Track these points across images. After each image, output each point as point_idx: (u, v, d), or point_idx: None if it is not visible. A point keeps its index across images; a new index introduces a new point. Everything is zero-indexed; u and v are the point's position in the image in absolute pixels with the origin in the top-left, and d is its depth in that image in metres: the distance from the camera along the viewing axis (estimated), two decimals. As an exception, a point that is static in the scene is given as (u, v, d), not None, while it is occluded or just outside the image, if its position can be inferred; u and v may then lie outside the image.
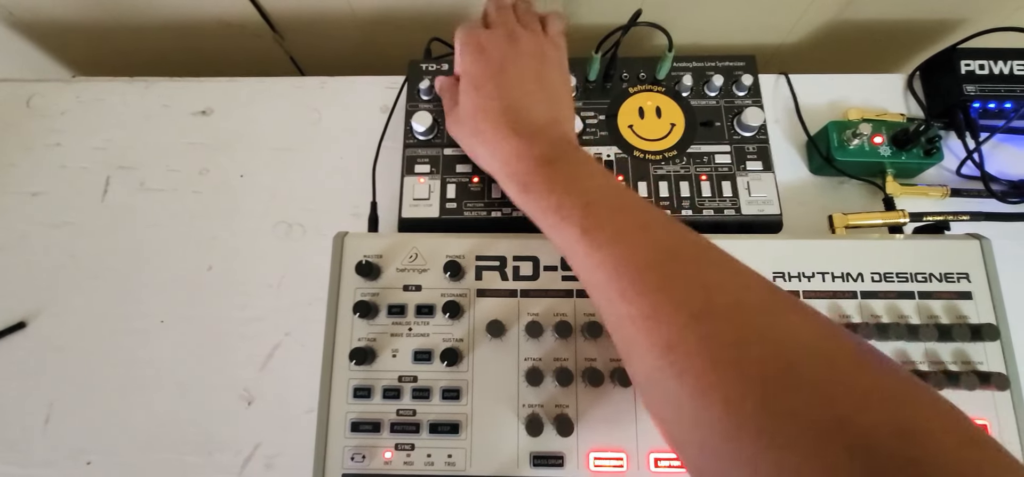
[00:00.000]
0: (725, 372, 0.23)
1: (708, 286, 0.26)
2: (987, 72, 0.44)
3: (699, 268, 0.27)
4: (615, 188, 0.31)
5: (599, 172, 0.32)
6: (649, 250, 0.28)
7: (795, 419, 0.21)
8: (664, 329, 0.25)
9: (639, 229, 0.29)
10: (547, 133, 0.34)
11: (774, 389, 0.22)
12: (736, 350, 0.23)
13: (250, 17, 0.53)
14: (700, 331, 0.24)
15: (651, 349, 0.25)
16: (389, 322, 0.36)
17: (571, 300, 0.36)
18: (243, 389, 0.40)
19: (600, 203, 0.30)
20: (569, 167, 0.32)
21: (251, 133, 0.47)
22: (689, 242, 0.28)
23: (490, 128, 0.35)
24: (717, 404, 0.23)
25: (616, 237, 0.28)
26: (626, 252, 0.28)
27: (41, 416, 0.39)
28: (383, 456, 0.34)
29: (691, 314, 0.25)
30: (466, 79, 0.37)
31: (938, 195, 0.43)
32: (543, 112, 0.35)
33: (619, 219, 0.29)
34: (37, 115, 0.48)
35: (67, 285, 0.42)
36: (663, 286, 0.26)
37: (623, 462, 0.33)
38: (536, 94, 0.36)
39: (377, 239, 0.38)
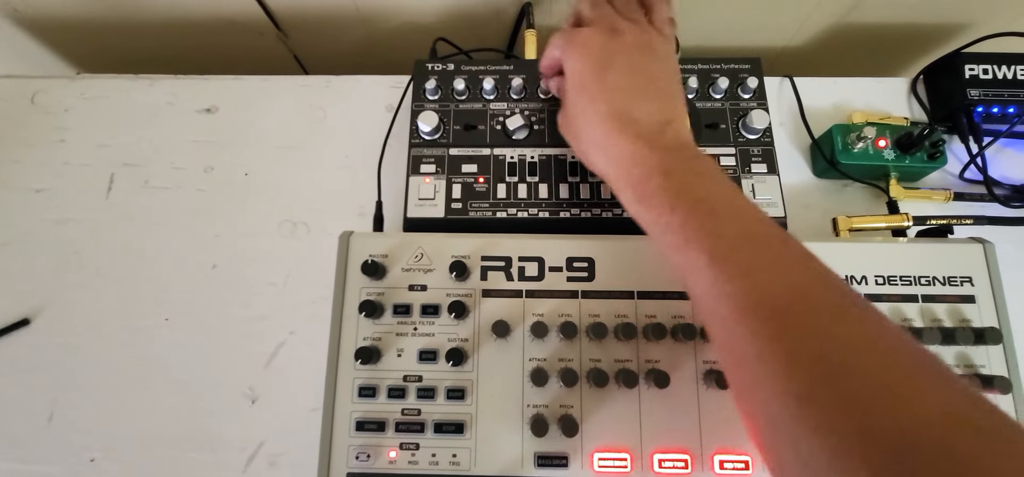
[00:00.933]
0: (869, 435, 0.22)
1: (850, 338, 0.24)
2: (991, 77, 0.44)
3: (840, 317, 0.25)
4: (744, 209, 0.29)
5: (724, 187, 0.30)
6: (785, 290, 0.26)
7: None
8: (799, 379, 0.24)
9: (774, 265, 0.27)
10: (663, 136, 0.32)
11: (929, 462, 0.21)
12: (884, 416, 0.22)
13: (255, 15, 0.53)
14: (842, 388, 0.23)
15: (781, 395, 0.24)
16: (394, 322, 0.36)
17: (576, 301, 0.36)
18: (247, 387, 0.40)
19: (731, 229, 0.28)
20: (692, 180, 0.30)
21: (256, 131, 0.47)
22: (829, 286, 0.26)
23: (599, 132, 0.32)
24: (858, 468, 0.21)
25: (749, 271, 0.26)
26: (759, 290, 0.26)
27: (45, 413, 0.39)
28: (388, 455, 0.34)
29: (831, 368, 0.23)
30: (570, 80, 0.34)
31: (941, 199, 0.43)
32: (654, 111, 0.33)
33: (752, 250, 0.27)
34: (41, 112, 0.48)
35: (71, 282, 0.42)
36: (800, 332, 0.25)
37: (627, 463, 0.33)
38: (645, 91, 0.33)
39: (382, 239, 0.38)
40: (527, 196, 0.41)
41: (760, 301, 0.26)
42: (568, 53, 0.35)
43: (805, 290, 0.26)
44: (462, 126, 0.43)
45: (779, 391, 0.24)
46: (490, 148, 0.42)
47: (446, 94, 0.44)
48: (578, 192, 0.41)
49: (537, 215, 0.40)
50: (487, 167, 0.41)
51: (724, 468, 0.33)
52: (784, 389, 0.24)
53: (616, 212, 0.40)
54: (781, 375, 0.24)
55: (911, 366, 0.24)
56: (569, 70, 0.35)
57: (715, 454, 0.33)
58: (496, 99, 0.44)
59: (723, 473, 0.33)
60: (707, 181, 0.30)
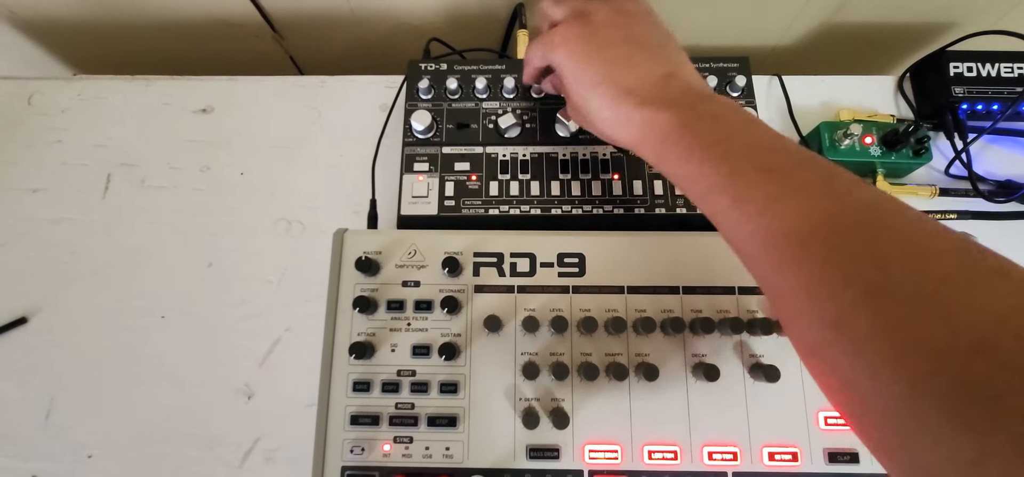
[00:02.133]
0: (906, 349, 0.21)
1: (882, 256, 0.23)
2: (975, 74, 0.45)
3: (871, 235, 0.24)
4: (763, 143, 0.28)
5: (738, 123, 0.29)
6: (808, 217, 0.25)
7: (996, 402, 0.19)
8: (831, 305, 0.23)
9: (796, 193, 0.26)
10: (667, 92, 0.32)
11: (967, 367, 0.20)
12: (919, 326, 0.21)
13: (250, 17, 0.53)
14: (874, 307, 0.22)
15: (815, 324, 0.24)
16: (388, 317, 0.36)
17: (567, 296, 0.37)
18: (243, 384, 0.40)
19: (746, 167, 0.27)
20: (705, 126, 0.29)
21: (251, 131, 0.47)
22: (857, 204, 0.25)
23: (608, 113, 0.33)
24: (899, 382, 0.21)
25: (769, 205, 0.26)
26: (782, 220, 0.25)
27: (42, 411, 0.40)
28: (382, 449, 0.34)
29: (862, 288, 0.22)
30: (566, 78, 0.35)
31: (927, 194, 0.44)
32: (651, 71, 0.33)
33: (771, 183, 0.26)
34: (38, 113, 0.48)
35: (68, 281, 0.43)
36: (827, 257, 0.24)
37: (618, 454, 0.34)
38: (635, 56, 0.33)
39: (376, 236, 0.38)
40: (519, 193, 0.41)
41: (784, 233, 0.25)
42: (552, 54, 0.35)
43: (826, 214, 0.25)
44: (455, 125, 0.43)
45: (813, 320, 0.24)
46: (482, 146, 0.43)
47: (439, 93, 0.44)
48: (569, 189, 0.41)
49: (529, 212, 0.41)
50: (479, 165, 0.42)
51: (713, 459, 0.34)
52: (817, 318, 0.24)
53: (606, 209, 0.41)
54: (812, 304, 0.24)
55: (953, 271, 0.22)
56: (560, 69, 0.35)
57: (704, 446, 0.34)
58: (488, 98, 0.44)
59: (712, 464, 0.34)
60: (721, 123, 0.29)
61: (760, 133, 0.29)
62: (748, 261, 0.28)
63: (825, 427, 0.34)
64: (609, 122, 0.33)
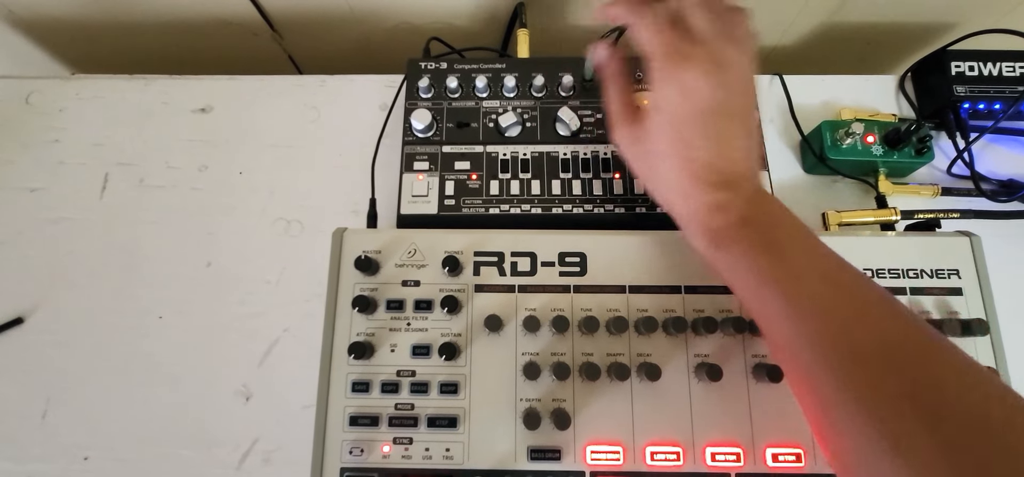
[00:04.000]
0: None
1: (942, 385, 0.24)
2: (977, 73, 0.45)
3: (929, 363, 0.25)
4: (822, 253, 0.29)
5: (802, 232, 0.30)
6: (870, 334, 0.25)
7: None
8: (892, 425, 0.23)
9: (856, 310, 0.26)
10: (745, 186, 0.31)
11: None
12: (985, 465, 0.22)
13: (249, 16, 0.53)
14: (939, 435, 0.23)
15: (870, 439, 0.24)
16: (388, 317, 0.36)
17: (568, 295, 0.36)
18: (242, 385, 0.40)
19: (809, 274, 0.28)
20: (770, 226, 0.30)
21: (250, 130, 0.47)
22: (914, 329, 0.26)
23: (687, 181, 0.31)
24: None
25: (829, 316, 0.26)
26: (841, 334, 0.26)
27: (38, 411, 0.39)
28: (381, 450, 0.34)
29: (925, 415, 0.23)
30: (664, 117, 0.32)
31: (929, 193, 0.44)
32: (741, 160, 0.32)
33: (832, 295, 0.27)
34: (36, 112, 0.48)
35: (65, 281, 0.42)
36: (887, 377, 0.24)
37: (619, 455, 0.34)
38: (740, 140, 0.32)
39: (376, 235, 0.38)
40: (519, 192, 0.41)
41: (843, 345, 0.25)
42: (666, 83, 0.31)
43: (890, 335, 0.26)
44: (455, 124, 0.43)
45: (867, 436, 0.24)
46: (483, 145, 0.42)
47: (439, 92, 0.44)
48: (570, 188, 0.41)
49: (529, 211, 0.40)
50: (480, 164, 0.42)
51: (716, 460, 0.34)
52: (875, 433, 0.24)
53: (608, 208, 0.41)
54: (869, 419, 0.24)
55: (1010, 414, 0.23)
56: (664, 103, 0.32)
57: (707, 446, 0.34)
58: (489, 97, 0.44)
59: (715, 465, 0.33)
60: (785, 228, 0.30)
61: (823, 247, 0.29)
62: (794, 365, 0.27)
63: (828, 427, 0.34)
64: (679, 190, 0.32)
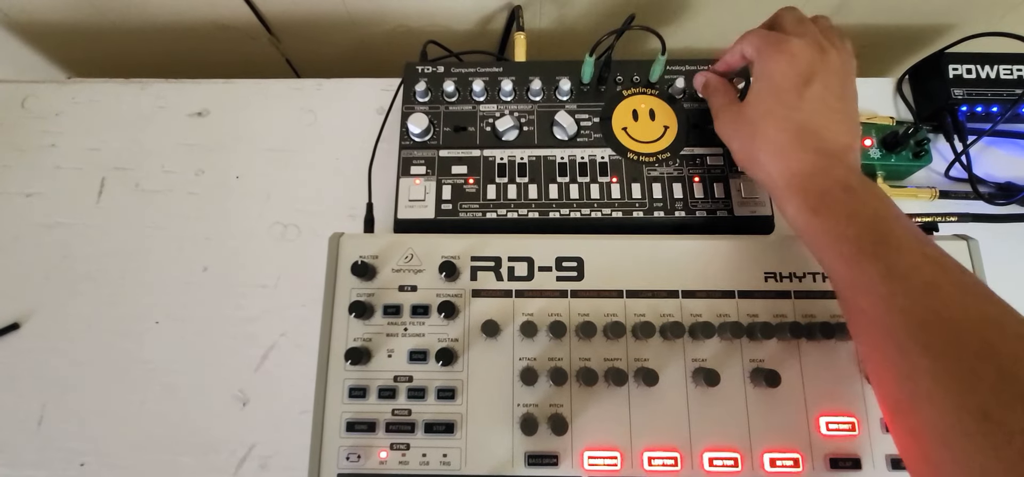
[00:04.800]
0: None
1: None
2: (975, 76, 0.45)
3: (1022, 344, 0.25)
4: (922, 235, 0.30)
5: (899, 212, 0.31)
6: (969, 312, 0.26)
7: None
8: (983, 397, 0.24)
9: (958, 288, 0.27)
10: (846, 158, 0.33)
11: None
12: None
13: (246, 19, 0.53)
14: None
15: (957, 411, 0.24)
16: (384, 322, 0.36)
17: (565, 300, 0.36)
18: (238, 390, 0.40)
19: (911, 247, 0.28)
20: (870, 198, 0.30)
21: (247, 134, 0.47)
22: (1013, 316, 0.26)
23: (787, 139, 0.33)
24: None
25: (930, 289, 0.27)
26: (942, 308, 0.26)
27: (34, 417, 0.39)
28: (378, 456, 0.34)
29: (1017, 388, 0.23)
30: (766, 81, 0.35)
31: (927, 197, 0.44)
32: (841, 134, 0.34)
33: (933, 270, 0.27)
34: (32, 116, 0.48)
35: (61, 286, 0.42)
36: (985, 354, 0.24)
37: (617, 461, 0.33)
38: (839, 113, 0.34)
39: (373, 240, 0.38)
40: (516, 197, 0.41)
41: (940, 319, 0.26)
42: (771, 54, 0.35)
43: (992, 317, 0.26)
44: (452, 128, 0.43)
45: (955, 406, 0.24)
46: (480, 149, 0.42)
47: (436, 96, 0.44)
48: (567, 192, 0.41)
49: (527, 215, 0.40)
50: (477, 168, 0.42)
51: (714, 465, 0.33)
52: (961, 404, 0.24)
53: (605, 212, 0.40)
54: (959, 391, 0.24)
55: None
56: (768, 71, 0.35)
57: (705, 451, 0.34)
58: (486, 101, 0.44)
59: (713, 470, 0.33)
60: (886, 204, 0.31)
61: (923, 233, 0.30)
62: (882, 335, 0.28)
63: (826, 433, 0.34)
64: (778, 149, 0.34)
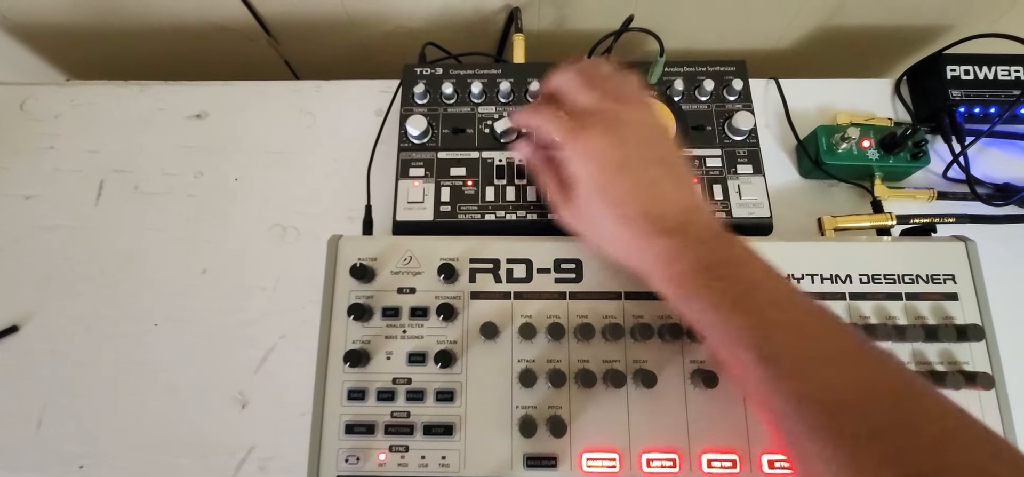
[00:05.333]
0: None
1: (928, 440, 0.23)
2: (972, 77, 0.45)
3: (906, 409, 0.24)
4: (792, 299, 0.29)
5: (764, 273, 0.29)
6: (844, 385, 0.25)
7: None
8: (867, 472, 0.23)
9: (830, 359, 0.26)
10: (693, 226, 0.31)
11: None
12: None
13: (245, 21, 0.53)
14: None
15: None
16: (383, 324, 0.36)
17: (564, 302, 0.36)
18: (237, 392, 0.40)
19: (781, 323, 0.27)
20: (733, 271, 0.29)
21: (246, 136, 0.47)
22: (889, 374, 0.26)
23: (632, 234, 0.31)
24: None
25: (803, 367, 0.26)
26: (817, 387, 0.25)
27: (33, 420, 0.39)
28: (377, 458, 0.34)
29: (900, 461, 0.23)
30: (587, 185, 0.32)
31: (925, 198, 0.44)
32: (678, 200, 0.32)
33: (805, 346, 0.27)
34: (31, 119, 0.48)
35: (60, 288, 0.42)
36: (865, 432, 0.24)
37: (616, 463, 0.33)
38: (664, 181, 0.32)
39: (371, 242, 0.38)
40: (515, 199, 0.41)
41: (819, 398, 0.25)
42: (575, 156, 0.33)
43: (864, 383, 0.25)
44: (451, 130, 0.43)
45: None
46: (478, 151, 0.42)
47: (435, 98, 0.44)
48: (566, 194, 0.41)
49: (525, 218, 0.40)
50: (475, 170, 0.42)
51: (712, 467, 0.33)
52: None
53: (604, 214, 0.40)
54: (847, 471, 0.24)
55: (983, 452, 0.23)
56: (578, 174, 0.33)
57: (703, 453, 0.34)
58: (484, 102, 0.44)
59: (711, 472, 0.33)
60: (749, 271, 0.29)
61: (790, 289, 0.29)
62: (771, 417, 0.27)
63: (824, 434, 0.34)
64: (626, 245, 0.32)
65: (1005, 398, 0.34)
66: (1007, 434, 0.34)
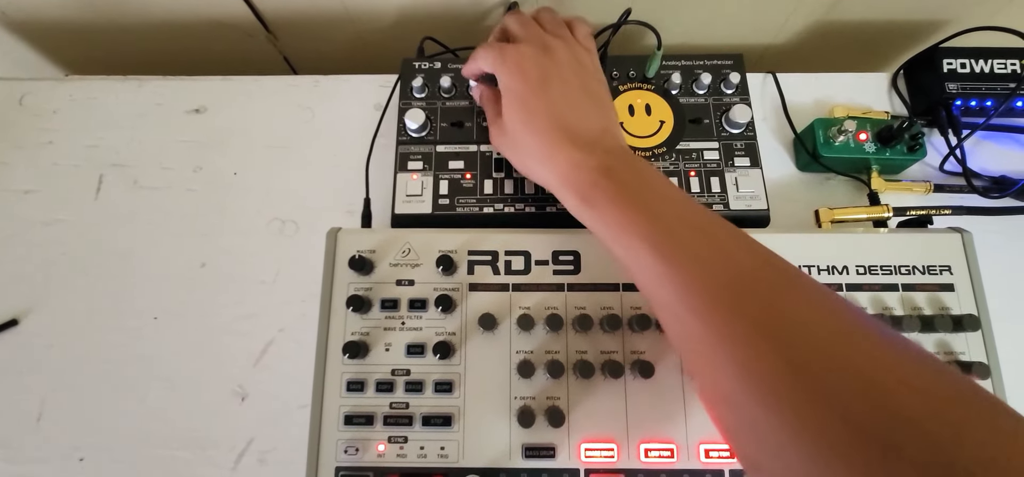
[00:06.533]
0: (818, 403, 0.22)
1: (792, 312, 0.25)
2: (969, 71, 0.45)
3: (780, 292, 0.26)
4: (680, 198, 0.31)
5: (662, 182, 0.31)
6: (725, 269, 0.27)
7: (895, 454, 0.20)
8: (746, 353, 0.25)
9: (712, 246, 0.28)
10: (602, 142, 0.33)
11: (872, 423, 0.21)
12: (828, 380, 0.23)
13: (243, 16, 0.53)
14: (787, 358, 0.23)
15: (729, 371, 0.25)
16: (382, 316, 0.36)
17: (562, 294, 0.36)
18: (237, 385, 0.40)
19: (668, 216, 0.29)
20: (630, 176, 0.31)
21: (244, 131, 0.47)
22: (766, 262, 0.27)
23: (543, 143, 0.34)
24: (808, 433, 0.22)
25: (687, 253, 0.27)
26: (700, 270, 0.27)
27: (33, 413, 0.39)
28: (376, 449, 0.34)
29: (777, 341, 0.24)
30: (510, 96, 0.35)
31: (921, 190, 0.44)
32: (592, 119, 0.34)
33: (689, 234, 0.28)
34: (30, 114, 0.48)
35: (60, 282, 0.42)
36: (742, 308, 0.25)
37: (614, 452, 0.34)
38: (582, 103, 0.35)
39: (370, 234, 0.38)
40: (513, 191, 0.41)
41: (703, 283, 0.27)
42: (503, 70, 0.35)
43: (747, 269, 0.27)
44: (449, 123, 0.43)
45: (727, 368, 0.25)
46: (477, 144, 0.42)
47: (433, 92, 0.44)
48: (564, 187, 0.41)
49: (524, 210, 0.41)
50: (474, 163, 0.42)
51: (710, 456, 0.34)
52: (732, 365, 0.25)
53: (602, 206, 0.41)
54: (728, 351, 0.25)
55: (854, 332, 0.24)
56: (506, 87, 0.35)
57: (700, 443, 0.34)
58: (483, 96, 0.44)
59: (709, 461, 0.34)
60: (649, 179, 0.31)
61: (683, 195, 0.31)
62: (661, 306, 0.29)
63: (821, 423, 0.34)
64: (539, 156, 0.34)
65: (1001, 388, 0.35)
66: (1003, 423, 0.34)
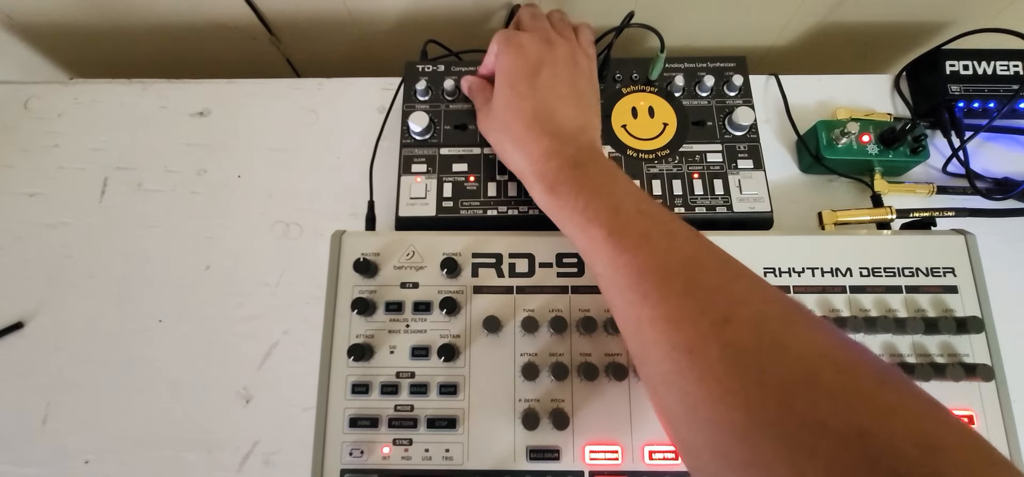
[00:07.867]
0: (747, 377, 0.24)
1: (731, 295, 0.27)
2: (971, 72, 0.45)
3: (722, 278, 0.28)
4: (641, 195, 0.32)
5: (625, 179, 0.33)
6: (674, 256, 0.28)
7: (817, 427, 0.21)
8: (687, 332, 0.26)
9: (665, 235, 0.29)
10: (576, 138, 0.35)
11: (796, 396, 0.22)
12: (759, 357, 0.24)
13: (247, 20, 0.53)
14: (723, 337, 0.25)
15: (671, 351, 0.26)
16: (387, 319, 0.36)
17: (566, 296, 0.37)
18: (242, 387, 0.40)
19: (627, 207, 0.31)
20: (597, 171, 0.33)
21: (248, 134, 0.47)
22: (712, 253, 0.29)
23: (522, 126, 0.35)
24: (738, 408, 0.23)
25: (642, 241, 0.29)
26: (652, 256, 0.28)
27: (39, 416, 0.39)
28: (381, 451, 0.34)
29: (714, 320, 0.25)
30: (502, 76, 0.37)
31: (924, 192, 0.44)
32: (573, 117, 0.36)
33: (646, 224, 0.30)
34: (34, 117, 0.48)
35: (65, 285, 0.43)
36: (688, 291, 0.27)
37: (618, 455, 0.34)
38: (568, 99, 0.37)
39: (374, 237, 0.38)
40: (517, 194, 0.41)
41: (653, 267, 0.28)
42: (504, 51, 0.38)
43: (693, 257, 0.29)
44: (452, 126, 0.43)
45: (669, 348, 0.26)
46: (480, 147, 0.43)
47: (436, 95, 0.44)
48: (568, 190, 0.41)
49: (528, 213, 0.41)
50: (477, 166, 0.42)
51: (713, 459, 0.34)
52: (673, 345, 0.26)
53: (605, 209, 0.41)
54: (671, 331, 0.26)
55: (786, 315, 0.26)
56: (502, 66, 0.38)
57: (704, 445, 0.34)
58: (486, 99, 0.44)
59: (712, 464, 0.34)
60: (613, 175, 0.33)
61: (644, 194, 0.33)
62: (616, 292, 0.30)
63: (825, 425, 0.34)
64: (517, 139, 0.36)
65: (1005, 390, 0.35)
66: (1008, 427, 0.34)
